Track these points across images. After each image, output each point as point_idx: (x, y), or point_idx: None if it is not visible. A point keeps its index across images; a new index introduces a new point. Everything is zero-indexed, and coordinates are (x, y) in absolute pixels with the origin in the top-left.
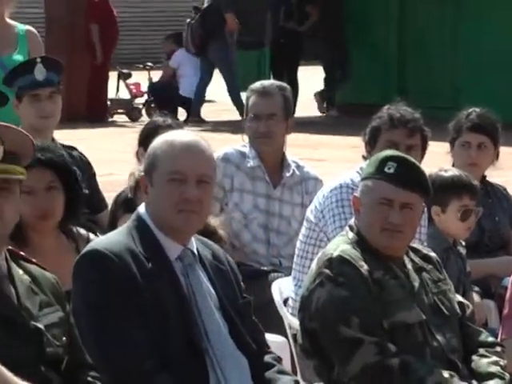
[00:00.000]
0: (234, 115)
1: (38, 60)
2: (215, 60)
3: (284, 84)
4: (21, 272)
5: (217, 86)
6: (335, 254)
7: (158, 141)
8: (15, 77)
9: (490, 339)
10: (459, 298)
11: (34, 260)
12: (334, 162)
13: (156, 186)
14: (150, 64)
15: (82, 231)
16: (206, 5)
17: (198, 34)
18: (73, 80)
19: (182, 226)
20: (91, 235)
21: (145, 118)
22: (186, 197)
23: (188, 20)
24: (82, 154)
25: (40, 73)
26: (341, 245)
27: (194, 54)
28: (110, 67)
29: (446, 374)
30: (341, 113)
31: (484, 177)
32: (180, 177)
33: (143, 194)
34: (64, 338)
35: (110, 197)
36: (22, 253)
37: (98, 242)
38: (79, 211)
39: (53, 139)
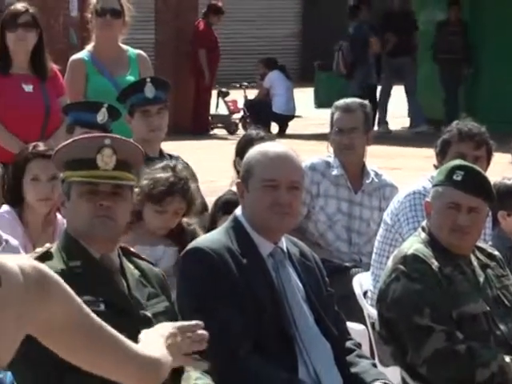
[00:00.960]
0: (318, 129)
1: (148, 80)
2: (360, 81)
3: (365, 101)
4: (131, 267)
5: (303, 103)
6: (409, 252)
7: (253, 151)
8: (128, 95)
9: None
10: None
11: (143, 256)
12: (408, 170)
13: (252, 191)
14: (245, 83)
15: None
16: (351, 31)
17: (348, 58)
18: (179, 98)
19: (277, 226)
20: None
21: (241, 132)
22: (279, 201)
23: (340, 44)
24: (186, 162)
25: (150, 91)
26: (414, 244)
27: (344, 76)
28: (213, 87)
29: (507, 358)
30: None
31: None
32: (273, 183)
33: (239, 198)
34: None
35: (210, 201)
36: (132, 249)
37: (200, 240)
38: None
39: (160, 150)
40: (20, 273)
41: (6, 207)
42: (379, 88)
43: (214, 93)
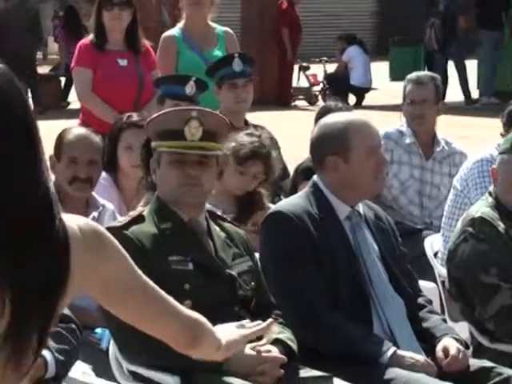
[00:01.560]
0: (392, 100)
1: (236, 55)
2: (452, 56)
3: (435, 74)
4: (217, 229)
5: (379, 76)
6: (477, 215)
7: (341, 124)
8: (217, 68)
9: None
10: None
11: (228, 219)
12: (477, 139)
13: (355, 161)
14: (325, 58)
15: None
16: (442, 9)
17: (439, 34)
18: (264, 72)
19: (379, 189)
20: None
21: (320, 103)
22: (382, 165)
23: (432, 21)
24: (269, 132)
25: (237, 65)
26: (482, 208)
27: (436, 51)
28: (295, 62)
29: None
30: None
31: None
32: (377, 150)
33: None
34: (252, 283)
35: (291, 167)
36: (218, 213)
37: (282, 204)
38: None
39: (245, 120)
40: (79, 231)
41: (102, 174)
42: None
43: (296, 67)
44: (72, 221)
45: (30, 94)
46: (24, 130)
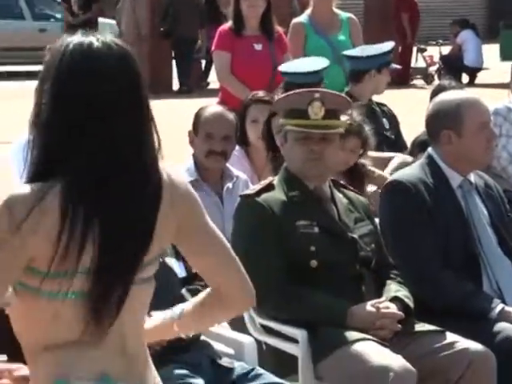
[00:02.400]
0: (502, 79)
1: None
2: None
3: None
4: (340, 196)
5: (490, 57)
6: None
7: (453, 101)
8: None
9: None
10: None
11: (350, 187)
12: None
13: (468, 136)
14: (440, 41)
15: None
16: None
17: None
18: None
19: (489, 160)
20: None
21: (436, 82)
22: (492, 140)
23: None
24: (390, 109)
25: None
26: None
27: None
28: (413, 45)
29: None
30: None
31: None
32: (487, 125)
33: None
34: (373, 245)
35: (408, 140)
36: (341, 181)
37: (400, 174)
38: None
39: (370, 101)
40: (170, 184)
41: (236, 147)
42: None
43: (414, 49)
44: (168, 174)
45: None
46: (134, 100)
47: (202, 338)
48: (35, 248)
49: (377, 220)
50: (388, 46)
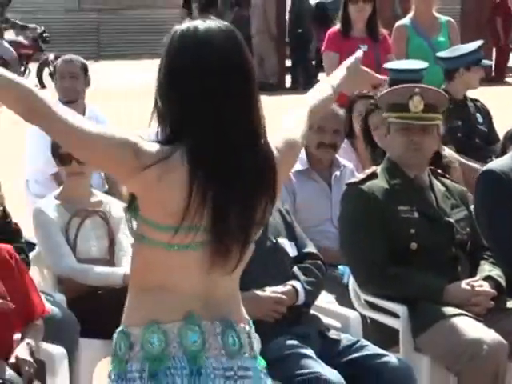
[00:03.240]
0: None
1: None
2: None
3: None
4: (438, 184)
5: None
6: None
7: None
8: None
9: None
10: None
11: (447, 175)
12: None
13: None
14: None
15: None
16: None
17: None
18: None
19: None
20: None
21: None
22: None
23: None
24: (483, 104)
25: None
26: None
27: None
28: (507, 46)
29: None
30: None
31: None
32: None
33: None
34: (468, 229)
35: (501, 133)
36: (439, 170)
37: (492, 164)
38: None
39: (464, 95)
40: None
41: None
42: None
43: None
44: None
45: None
46: (242, 75)
47: (312, 312)
48: (157, 193)
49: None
50: (473, 45)
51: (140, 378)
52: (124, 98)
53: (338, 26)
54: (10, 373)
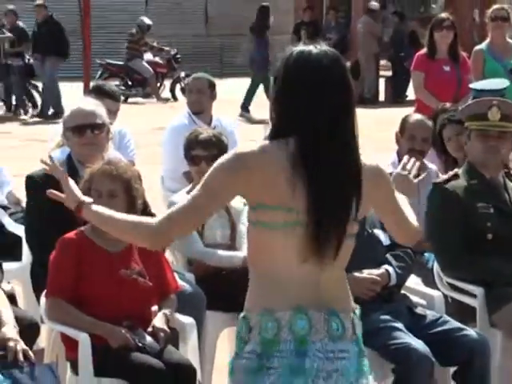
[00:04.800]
0: None
1: None
2: None
3: None
4: (511, 184)
5: None
6: None
7: None
8: None
9: None
10: None
11: None
12: None
13: None
14: None
15: None
16: None
17: None
18: None
19: None
20: None
21: None
22: None
23: None
24: None
25: None
26: None
27: None
28: None
29: None
30: None
31: None
32: None
33: None
34: None
35: None
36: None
37: None
38: None
39: None
40: (367, 170)
41: None
42: None
43: None
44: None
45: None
46: (346, 94)
47: (402, 292)
48: (262, 178)
49: None
50: None
51: (255, 357)
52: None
53: (424, 50)
54: (148, 339)
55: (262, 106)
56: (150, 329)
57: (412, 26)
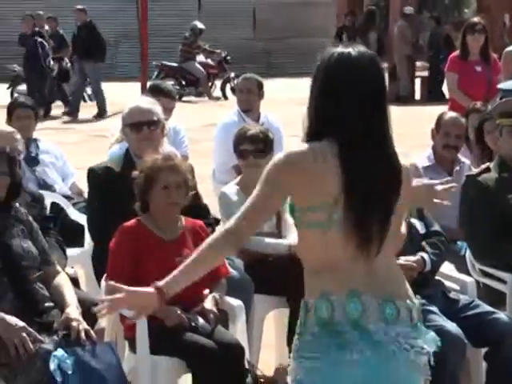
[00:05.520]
0: None
1: None
2: None
3: None
4: None
5: None
6: None
7: None
8: None
9: None
10: None
11: None
12: None
13: None
14: None
15: None
16: None
17: None
18: None
19: None
20: None
21: None
22: None
23: None
24: None
25: None
26: None
27: None
28: None
29: None
30: None
31: None
32: None
33: None
34: None
35: None
36: None
37: None
38: None
39: None
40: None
41: None
42: None
43: None
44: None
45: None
46: (381, 94)
47: (436, 277)
48: (310, 180)
49: None
50: None
51: (313, 336)
52: (286, 106)
53: (457, 52)
54: (201, 320)
55: None
56: (198, 309)
57: (446, 29)
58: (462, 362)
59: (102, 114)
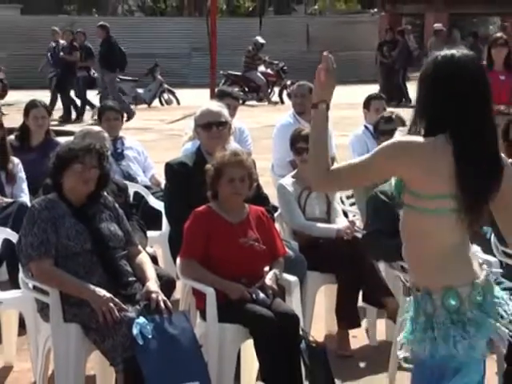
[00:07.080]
0: None
1: None
2: None
3: None
4: None
5: None
6: None
7: None
8: None
9: None
10: None
11: None
12: None
13: None
14: None
15: None
16: None
17: None
18: None
19: None
20: None
21: None
22: None
23: None
24: None
25: None
26: None
27: None
28: None
29: None
30: None
31: None
32: None
33: None
34: None
35: None
36: None
37: None
38: None
39: None
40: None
41: None
42: None
43: None
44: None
45: None
46: (488, 95)
47: None
48: (427, 170)
49: None
50: None
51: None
52: (334, 109)
53: (484, 62)
54: (261, 294)
55: None
56: (260, 283)
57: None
58: None
59: (130, 117)
